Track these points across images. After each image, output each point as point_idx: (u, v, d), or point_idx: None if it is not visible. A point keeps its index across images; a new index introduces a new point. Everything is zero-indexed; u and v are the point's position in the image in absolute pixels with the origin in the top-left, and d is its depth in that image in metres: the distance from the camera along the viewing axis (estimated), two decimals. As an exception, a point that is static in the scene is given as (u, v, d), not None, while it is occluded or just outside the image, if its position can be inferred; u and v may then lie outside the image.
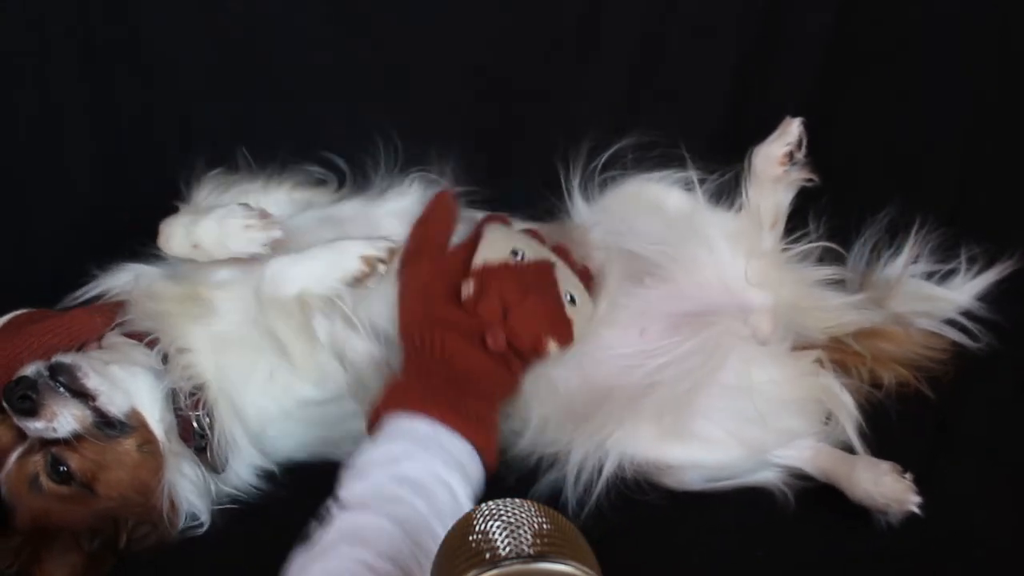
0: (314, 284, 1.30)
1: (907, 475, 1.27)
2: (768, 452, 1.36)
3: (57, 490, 1.25)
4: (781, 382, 1.38)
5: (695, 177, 1.48)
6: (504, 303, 1.27)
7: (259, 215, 1.35)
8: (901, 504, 1.25)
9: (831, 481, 1.33)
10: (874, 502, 1.27)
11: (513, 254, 1.33)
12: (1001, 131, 1.76)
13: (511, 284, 1.29)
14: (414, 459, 1.12)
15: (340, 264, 1.31)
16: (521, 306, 1.28)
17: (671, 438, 1.33)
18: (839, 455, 1.35)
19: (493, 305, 1.27)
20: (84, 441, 1.25)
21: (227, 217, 1.34)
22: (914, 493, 1.25)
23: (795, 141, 1.47)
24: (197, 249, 1.35)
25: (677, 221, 1.48)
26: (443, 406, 1.18)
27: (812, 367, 1.42)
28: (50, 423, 1.23)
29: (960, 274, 1.59)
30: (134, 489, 1.28)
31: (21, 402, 1.22)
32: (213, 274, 1.38)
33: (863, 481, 1.28)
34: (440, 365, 1.25)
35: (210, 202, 1.46)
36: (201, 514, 1.33)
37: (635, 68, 1.74)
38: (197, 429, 1.32)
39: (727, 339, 1.38)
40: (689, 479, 1.34)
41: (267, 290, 1.31)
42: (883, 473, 1.28)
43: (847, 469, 1.31)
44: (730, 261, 1.45)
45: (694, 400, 1.34)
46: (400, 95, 1.71)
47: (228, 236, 1.33)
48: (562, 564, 0.79)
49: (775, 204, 1.48)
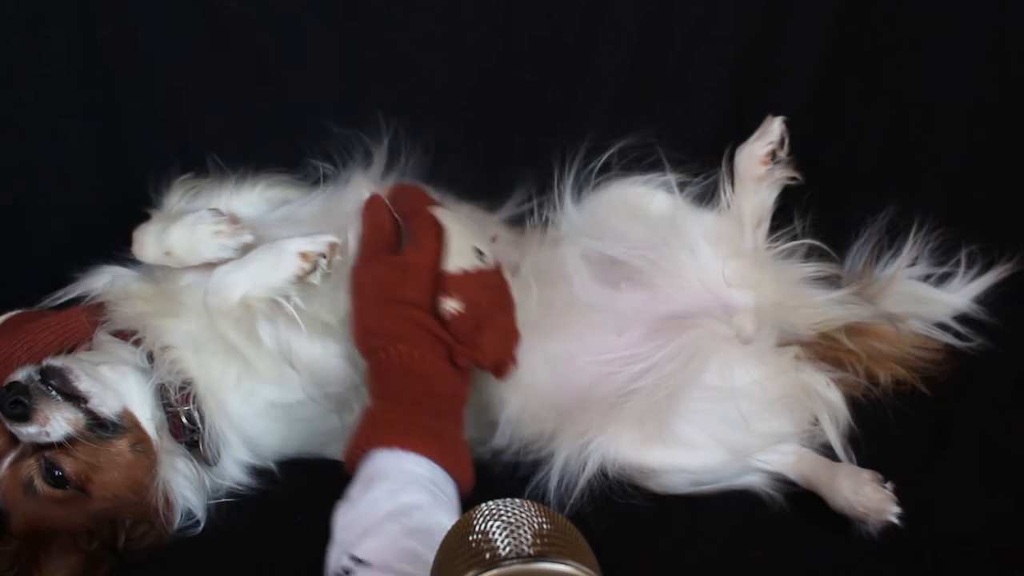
0: (255, 288, 1.29)
1: (888, 485, 1.27)
2: (751, 456, 1.35)
3: (52, 493, 1.25)
4: (763, 381, 1.37)
5: (676, 180, 1.48)
6: (476, 318, 1.26)
7: (228, 220, 1.35)
8: (880, 514, 1.24)
9: (812, 488, 1.33)
10: (853, 511, 1.26)
11: (478, 255, 1.31)
12: (1001, 131, 1.76)
13: (483, 296, 1.28)
14: (422, 509, 1.09)
15: (280, 264, 1.29)
16: (491, 324, 1.26)
17: (654, 443, 1.33)
18: (821, 462, 1.34)
19: (466, 321, 1.25)
20: (77, 444, 1.25)
21: (197, 223, 1.34)
22: (894, 503, 1.24)
23: (777, 140, 1.47)
24: (169, 256, 1.35)
25: (659, 224, 1.48)
26: (424, 438, 1.16)
27: (791, 363, 1.41)
28: (43, 428, 1.23)
29: (958, 276, 1.59)
30: (129, 489, 1.28)
31: (13, 408, 1.22)
32: (182, 277, 1.38)
33: (843, 489, 1.28)
34: (403, 377, 1.23)
35: (181, 208, 1.46)
36: (197, 510, 1.33)
37: (635, 68, 1.74)
38: (187, 424, 1.32)
39: (708, 341, 1.37)
40: (673, 483, 1.34)
41: (211, 300, 1.30)
42: (863, 483, 1.27)
43: (828, 477, 1.31)
44: (711, 262, 1.45)
45: (676, 404, 1.34)
46: (400, 95, 1.71)
47: (199, 242, 1.34)
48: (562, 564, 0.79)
49: (759, 203, 1.48)
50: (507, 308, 1.32)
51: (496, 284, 1.32)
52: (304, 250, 1.30)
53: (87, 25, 1.62)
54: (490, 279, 1.31)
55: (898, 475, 1.28)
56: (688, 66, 1.74)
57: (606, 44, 1.72)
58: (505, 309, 1.32)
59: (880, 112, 1.77)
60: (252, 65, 1.67)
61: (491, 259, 1.33)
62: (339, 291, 1.33)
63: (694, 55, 1.73)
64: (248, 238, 1.34)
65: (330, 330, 1.34)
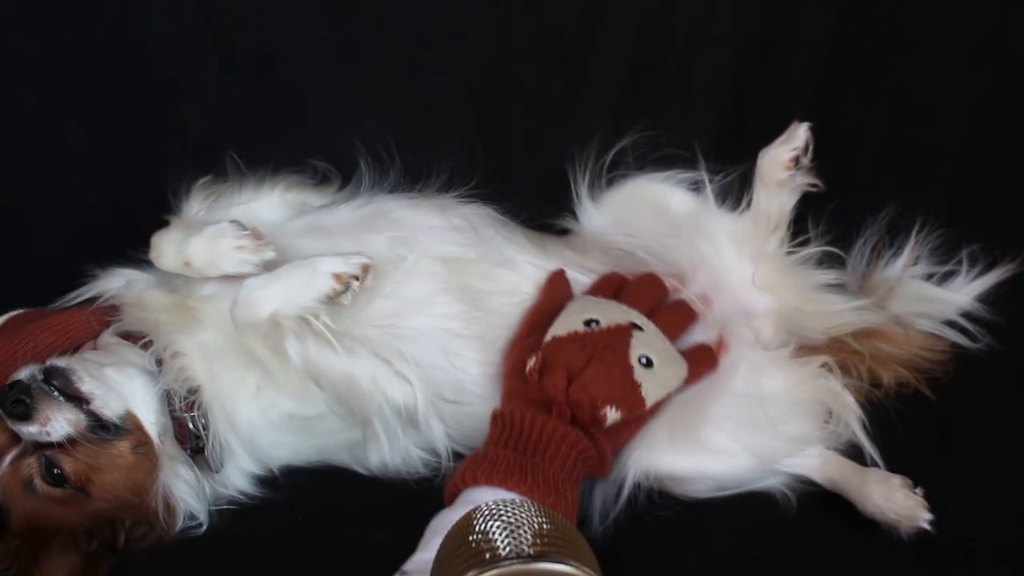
0: (285, 305, 1.27)
1: (918, 490, 1.27)
2: (778, 461, 1.35)
3: (51, 492, 1.25)
4: (790, 388, 1.38)
5: (702, 177, 1.48)
6: (569, 374, 1.25)
7: (251, 235, 1.34)
8: (912, 520, 1.24)
9: (839, 492, 1.33)
10: (885, 517, 1.26)
11: (586, 324, 1.30)
12: (1001, 131, 1.76)
13: (576, 354, 1.27)
14: None
15: (312, 284, 1.28)
16: (582, 376, 1.25)
17: (683, 450, 1.33)
18: (849, 466, 1.34)
19: (558, 377, 1.25)
20: (78, 444, 1.25)
21: (219, 236, 1.33)
22: (925, 509, 1.24)
23: (802, 146, 1.47)
24: (188, 267, 1.35)
25: (682, 222, 1.48)
26: (513, 474, 1.16)
27: (820, 371, 1.41)
28: (44, 427, 1.23)
29: (961, 275, 1.59)
30: (129, 491, 1.28)
31: (15, 407, 1.22)
32: (201, 287, 1.37)
33: (874, 495, 1.28)
34: (515, 434, 1.23)
35: (201, 216, 1.45)
36: (199, 515, 1.33)
37: (635, 68, 1.74)
38: (192, 431, 1.32)
39: (736, 347, 1.38)
40: (697, 490, 1.34)
41: (239, 313, 1.29)
42: (894, 489, 1.27)
43: (858, 483, 1.31)
44: (736, 264, 1.45)
45: (705, 411, 1.34)
46: (400, 94, 1.71)
47: (219, 256, 1.33)
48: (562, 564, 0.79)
49: (778, 207, 1.48)
50: (606, 361, 1.27)
51: (598, 345, 1.28)
52: (338, 271, 1.28)
53: (87, 25, 1.62)
54: (589, 341, 1.28)
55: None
56: (688, 66, 1.73)
57: (606, 44, 1.71)
58: (602, 361, 1.27)
59: (880, 112, 1.77)
60: (252, 65, 1.67)
61: (606, 324, 1.31)
62: (368, 309, 1.33)
63: (694, 55, 1.73)
64: (271, 255, 1.33)
65: (357, 347, 1.32)
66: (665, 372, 1.30)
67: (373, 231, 1.43)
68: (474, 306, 1.40)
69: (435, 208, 1.49)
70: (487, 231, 1.46)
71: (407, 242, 1.41)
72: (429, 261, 1.40)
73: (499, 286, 1.43)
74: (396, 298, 1.37)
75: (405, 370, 1.34)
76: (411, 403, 1.33)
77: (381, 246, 1.39)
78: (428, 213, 1.47)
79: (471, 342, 1.39)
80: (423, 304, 1.38)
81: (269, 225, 1.42)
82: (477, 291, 1.41)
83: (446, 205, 1.50)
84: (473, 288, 1.41)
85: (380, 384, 1.32)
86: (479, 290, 1.41)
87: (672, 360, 1.32)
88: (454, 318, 1.39)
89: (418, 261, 1.39)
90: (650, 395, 1.27)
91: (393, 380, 1.33)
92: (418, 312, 1.37)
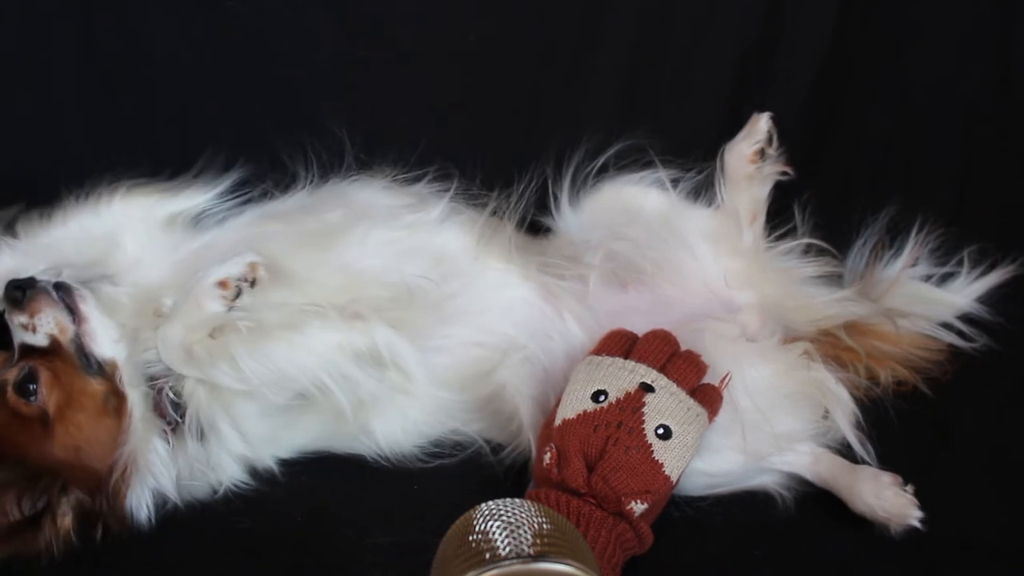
0: (190, 333, 1.28)
1: (908, 488, 1.27)
2: (768, 458, 1.35)
3: (18, 404, 1.25)
4: (773, 378, 1.37)
5: (669, 177, 1.48)
6: (587, 461, 1.20)
7: None
8: (902, 518, 1.24)
9: (830, 489, 1.33)
10: (875, 515, 1.26)
11: (595, 399, 1.24)
12: (1001, 131, 1.77)
13: (589, 438, 1.21)
14: None
15: (202, 302, 1.27)
16: (600, 466, 1.19)
17: None
18: (840, 464, 1.34)
19: (576, 469, 1.18)
20: (58, 363, 1.27)
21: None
22: (916, 507, 1.24)
23: (764, 137, 1.48)
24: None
25: (656, 223, 1.48)
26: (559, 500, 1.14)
27: (801, 360, 1.40)
28: (32, 319, 1.27)
29: (960, 276, 1.59)
30: (90, 442, 1.27)
31: (12, 291, 1.27)
32: (162, 299, 1.36)
33: (864, 494, 1.27)
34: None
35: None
36: (169, 493, 1.30)
37: (635, 68, 1.74)
38: (171, 400, 1.31)
39: (715, 344, 1.37)
40: (689, 486, 1.33)
41: (164, 355, 1.31)
42: (884, 486, 1.27)
43: (848, 480, 1.31)
44: (712, 263, 1.45)
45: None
46: (400, 95, 1.71)
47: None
48: (562, 564, 0.79)
49: (752, 199, 1.49)
50: (622, 446, 1.20)
51: (610, 425, 1.21)
52: (221, 278, 1.27)
53: (87, 25, 1.62)
54: (600, 420, 1.22)
55: (899, 474, 1.28)
56: (688, 66, 1.74)
57: (606, 44, 1.72)
58: (618, 447, 1.20)
59: (880, 112, 1.77)
60: (252, 64, 1.67)
61: (615, 395, 1.24)
62: (279, 290, 1.32)
63: (694, 55, 1.73)
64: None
65: (276, 330, 1.30)
66: (686, 437, 1.22)
67: (327, 210, 1.44)
68: None
69: (388, 188, 1.49)
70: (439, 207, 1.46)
71: (363, 216, 1.42)
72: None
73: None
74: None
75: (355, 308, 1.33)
76: (369, 339, 1.31)
77: (336, 217, 1.41)
78: (381, 193, 1.48)
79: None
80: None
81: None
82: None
83: (408, 190, 1.50)
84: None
85: (330, 340, 1.30)
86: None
87: (690, 418, 1.24)
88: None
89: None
90: (674, 471, 1.21)
91: (342, 327, 1.32)
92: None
